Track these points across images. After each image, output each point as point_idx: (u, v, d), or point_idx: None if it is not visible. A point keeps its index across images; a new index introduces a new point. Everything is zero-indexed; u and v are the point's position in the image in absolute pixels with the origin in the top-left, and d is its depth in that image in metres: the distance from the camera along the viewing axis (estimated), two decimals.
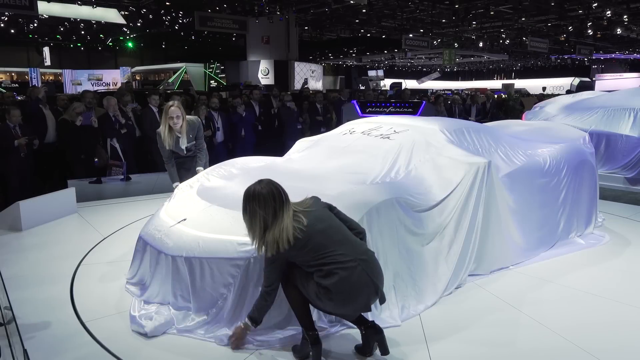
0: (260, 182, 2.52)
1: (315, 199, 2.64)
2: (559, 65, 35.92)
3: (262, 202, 2.45)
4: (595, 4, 16.22)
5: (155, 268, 3.25)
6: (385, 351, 2.62)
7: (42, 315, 3.16)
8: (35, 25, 22.28)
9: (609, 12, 16.81)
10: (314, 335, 2.57)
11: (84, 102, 6.62)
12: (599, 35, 22.01)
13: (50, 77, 28.67)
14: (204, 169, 4.38)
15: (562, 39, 23.38)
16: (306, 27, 23.36)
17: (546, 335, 2.93)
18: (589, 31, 19.95)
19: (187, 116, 4.51)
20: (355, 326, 2.71)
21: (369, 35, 24.85)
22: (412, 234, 3.31)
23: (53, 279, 3.77)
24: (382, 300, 2.59)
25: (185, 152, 4.54)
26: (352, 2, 14.66)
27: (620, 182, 7.01)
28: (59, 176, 6.53)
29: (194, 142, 4.59)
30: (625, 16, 17.65)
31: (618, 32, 19.73)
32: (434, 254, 3.43)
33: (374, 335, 2.63)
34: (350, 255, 2.47)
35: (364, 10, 18.54)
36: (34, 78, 26.80)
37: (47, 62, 27.74)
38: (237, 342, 2.74)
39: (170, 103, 4.36)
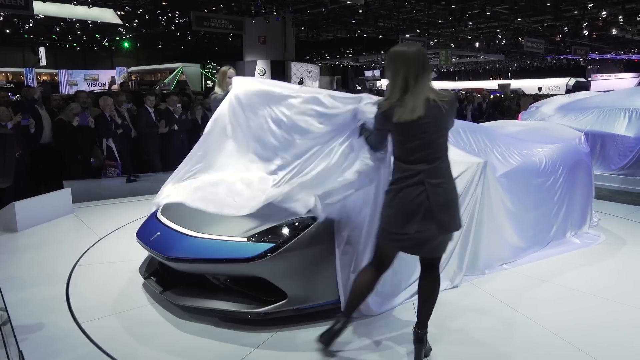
0: (408, 43, 2.51)
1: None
2: (555, 65, 36.06)
3: (409, 62, 2.35)
4: (591, 5, 16.29)
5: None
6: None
7: (37, 317, 3.15)
8: (31, 25, 22.21)
9: (604, 12, 16.88)
10: (349, 320, 2.64)
11: (78, 102, 6.60)
12: (594, 36, 22.10)
13: (45, 78, 28.56)
14: None
15: (558, 39, 23.46)
16: (303, 27, 23.35)
17: (542, 335, 2.94)
18: (585, 32, 20.03)
19: None
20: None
21: (365, 35, 24.88)
22: None
23: (49, 280, 3.75)
24: (447, 230, 2.44)
25: None
26: (348, 2, 14.68)
27: (615, 181, 7.04)
28: (54, 177, 6.50)
29: None
30: (620, 17, 17.73)
31: (613, 33, 19.82)
32: None
33: (415, 342, 2.61)
34: (428, 177, 2.36)
35: (360, 11, 18.55)
36: (30, 78, 26.71)
37: (43, 62, 27.66)
38: None
39: (228, 67, 4.82)
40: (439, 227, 2.41)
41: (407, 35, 20.68)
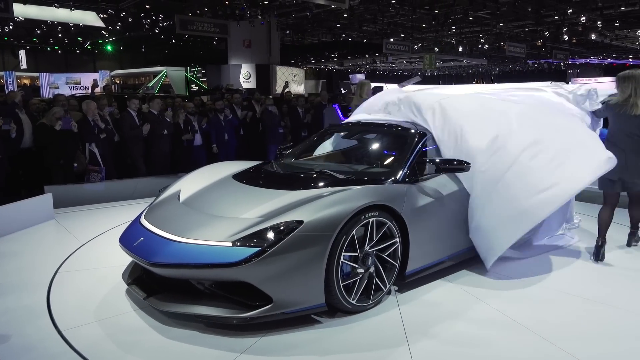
0: (635, 69, 4.08)
1: None
2: (536, 69, 36.67)
3: (629, 78, 4.08)
4: (570, 10, 16.61)
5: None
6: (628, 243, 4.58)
7: (17, 325, 3.09)
8: (11, 27, 21.83)
9: (583, 18, 17.22)
10: (605, 241, 4.24)
11: (58, 105, 6.49)
12: (574, 41, 22.54)
13: (26, 81, 28.07)
14: None
15: (539, 44, 23.89)
16: (287, 31, 23.37)
17: (525, 335, 2.97)
18: (565, 36, 20.42)
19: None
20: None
21: (350, 39, 25.01)
22: None
23: (29, 288, 3.69)
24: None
25: None
26: (333, 6, 14.73)
27: (595, 183, 7.14)
28: (35, 182, 6.39)
29: None
30: (599, 22, 18.10)
31: (592, 38, 20.25)
32: None
33: (629, 235, 4.60)
34: (628, 147, 4.12)
35: (345, 15, 18.65)
36: (10, 82, 26.21)
37: (23, 66, 27.19)
38: None
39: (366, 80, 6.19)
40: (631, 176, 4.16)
41: (392, 40, 20.85)
